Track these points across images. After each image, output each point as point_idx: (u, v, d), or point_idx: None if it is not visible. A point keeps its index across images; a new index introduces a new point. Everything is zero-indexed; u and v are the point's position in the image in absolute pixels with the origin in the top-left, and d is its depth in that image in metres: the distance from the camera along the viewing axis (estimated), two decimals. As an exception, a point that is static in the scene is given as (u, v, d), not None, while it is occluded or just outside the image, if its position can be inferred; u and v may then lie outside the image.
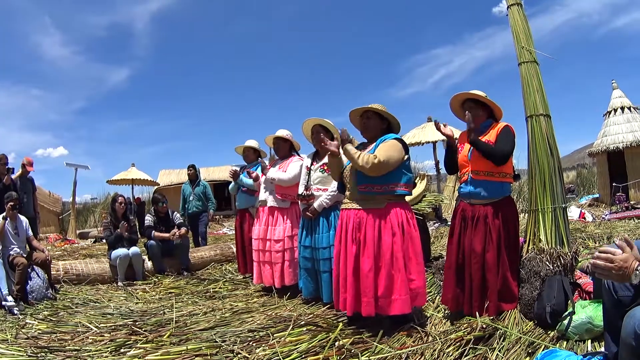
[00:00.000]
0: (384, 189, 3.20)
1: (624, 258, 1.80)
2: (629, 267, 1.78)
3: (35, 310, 4.53)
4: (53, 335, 3.51)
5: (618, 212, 10.54)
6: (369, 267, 3.12)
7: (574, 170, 26.88)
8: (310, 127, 4.22)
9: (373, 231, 3.16)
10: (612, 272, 1.82)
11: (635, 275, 1.78)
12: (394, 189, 3.22)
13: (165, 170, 21.22)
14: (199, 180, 8.36)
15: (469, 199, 3.38)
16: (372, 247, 3.14)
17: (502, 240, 3.25)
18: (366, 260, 3.14)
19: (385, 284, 3.09)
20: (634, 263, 1.79)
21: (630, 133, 12.66)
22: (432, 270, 4.47)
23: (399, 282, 3.09)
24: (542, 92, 3.98)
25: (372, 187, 3.21)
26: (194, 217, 8.18)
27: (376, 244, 3.15)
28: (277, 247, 4.54)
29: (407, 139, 11.91)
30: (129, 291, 5.38)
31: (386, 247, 3.12)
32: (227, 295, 4.87)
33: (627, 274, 1.79)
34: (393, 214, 3.19)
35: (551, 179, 3.77)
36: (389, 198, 3.23)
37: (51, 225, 15.14)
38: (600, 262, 1.84)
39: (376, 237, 3.15)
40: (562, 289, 3.11)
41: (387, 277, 3.10)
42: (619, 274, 1.81)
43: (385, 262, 3.11)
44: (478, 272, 3.25)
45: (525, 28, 4.22)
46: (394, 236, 3.14)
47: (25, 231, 5.31)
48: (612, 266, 1.80)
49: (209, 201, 8.30)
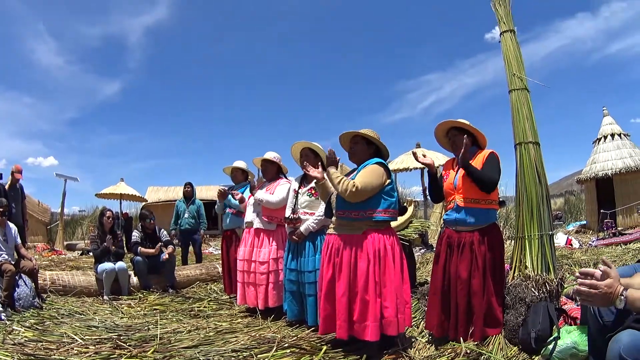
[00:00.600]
0: (361, 215, 3.21)
1: (609, 284, 1.82)
2: (613, 292, 1.81)
3: (22, 317, 4.53)
4: (39, 344, 3.52)
5: (605, 238, 10.59)
6: (342, 291, 3.13)
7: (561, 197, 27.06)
8: (299, 150, 4.26)
9: (349, 257, 3.17)
10: (596, 298, 1.84)
11: (620, 300, 1.80)
12: (372, 215, 3.21)
13: (153, 187, 21.17)
14: (194, 198, 8.39)
15: (455, 225, 3.39)
16: (347, 272, 3.15)
17: (487, 266, 3.26)
18: (341, 285, 3.15)
19: (360, 310, 3.10)
20: (618, 288, 1.81)
21: (619, 160, 12.82)
22: (417, 296, 4.46)
23: (372, 309, 3.08)
24: (532, 119, 4.01)
25: (350, 213, 3.22)
26: (186, 233, 8.20)
27: (352, 270, 3.16)
28: (262, 269, 4.55)
29: (395, 165, 11.96)
30: (114, 305, 5.36)
31: (361, 273, 3.13)
32: (212, 315, 4.86)
33: (612, 299, 1.81)
34: (370, 240, 3.18)
35: (538, 206, 3.80)
36: (368, 224, 3.22)
37: (39, 235, 15.04)
38: (584, 289, 1.86)
39: (352, 263, 3.16)
40: (547, 315, 3.13)
41: (361, 303, 3.11)
42: (603, 299, 1.83)
43: (359, 287, 3.12)
44: (464, 297, 3.26)
45: (517, 55, 4.26)
46: (369, 263, 3.13)
47: (14, 239, 5.30)
48: (596, 292, 1.83)
49: (201, 220, 8.32)
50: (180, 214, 8.19)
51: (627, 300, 1.81)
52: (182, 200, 8.35)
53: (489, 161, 3.30)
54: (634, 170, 12.48)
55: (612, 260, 6.93)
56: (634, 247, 8.84)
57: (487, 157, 3.32)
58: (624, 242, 9.54)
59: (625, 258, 7.27)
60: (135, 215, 16.74)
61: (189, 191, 8.37)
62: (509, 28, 4.36)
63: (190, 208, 8.17)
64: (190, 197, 8.32)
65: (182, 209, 8.20)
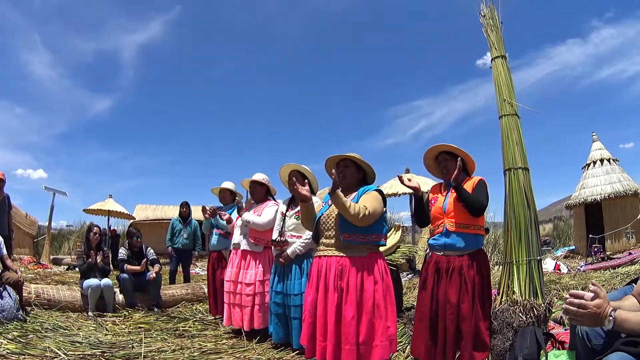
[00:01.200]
0: (367, 239, 3.19)
1: (598, 304, 1.82)
2: (602, 313, 1.81)
3: (5, 329, 4.46)
4: (22, 357, 3.49)
5: (594, 263, 10.64)
6: (352, 314, 3.08)
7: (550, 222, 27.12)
8: (288, 173, 4.26)
9: (356, 279, 3.13)
10: (584, 318, 1.84)
11: (608, 320, 1.80)
12: (377, 240, 3.23)
13: (141, 205, 21.08)
14: (190, 218, 8.37)
15: (444, 250, 3.36)
16: (354, 294, 3.11)
17: (476, 290, 3.25)
18: (349, 308, 3.10)
19: (367, 331, 3.06)
20: (607, 308, 1.81)
21: (608, 185, 12.95)
22: (403, 321, 4.44)
23: (380, 329, 3.06)
24: (521, 145, 4.05)
25: (357, 237, 3.20)
26: (179, 252, 8.18)
27: (359, 292, 3.13)
28: (248, 291, 4.53)
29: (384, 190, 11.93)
30: (99, 322, 5.29)
31: (368, 294, 3.10)
32: (197, 335, 4.81)
33: (601, 319, 1.81)
34: (374, 263, 3.18)
35: (527, 231, 3.81)
36: (369, 248, 3.22)
37: (25, 247, 14.87)
38: (572, 308, 1.86)
39: (359, 285, 3.13)
40: (535, 339, 3.13)
41: (369, 324, 3.07)
42: (592, 319, 1.83)
43: (367, 309, 3.09)
44: (453, 322, 3.23)
45: (508, 81, 4.30)
46: (375, 284, 3.12)
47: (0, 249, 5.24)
48: (584, 312, 1.82)
49: (197, 242, 8.32)
50: (175, 232, 8.16)
51: (616, 320, 1.81)
52: (178, 220, 8.32)
53: (478, 187, 3.31)
54: (623, 195, 12.60)
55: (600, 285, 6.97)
56: (622, 271, 8.89)
57: (477, 184, 3.33)
58: (613, 266, 9.60)
59: (614, 282, 7.31)
60: (123, 232, 16.66)
61: (186, 211, 8.36)
62: (500, 54, 4.41)
63: (187, 228, 8.16)
64: (186, 218, 8.30)
65: (178, 228, 8.18)
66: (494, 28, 4.54)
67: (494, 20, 4.57)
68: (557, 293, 6.34)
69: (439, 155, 3.55)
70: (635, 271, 8.45)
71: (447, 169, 3.46)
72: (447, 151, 3.50)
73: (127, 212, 16.64)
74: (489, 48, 4.52)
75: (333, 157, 3.46)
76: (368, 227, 3.16)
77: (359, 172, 3.44)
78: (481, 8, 4.68)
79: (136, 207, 20.74)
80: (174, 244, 8.11)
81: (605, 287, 6.62)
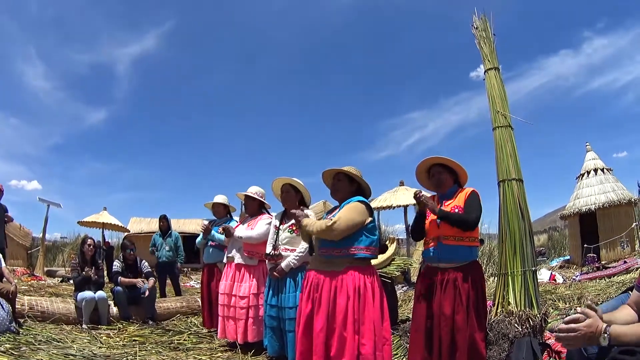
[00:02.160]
0: (343, 252, 3.19)
1: (589, 324, 1.82)
2: (595, 331, 1.81)
3: (-3, 341, 4.41)
4: (14, 369, 3.43)
5: (589, 272, 10.66)
6: (320, 326, 3.11)
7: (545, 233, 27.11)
8: (280, 186, 4.28)
9: (329, 293, 3.15)
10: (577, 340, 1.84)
11: (603, 338, 1.80)
12: (354, 252, 3.20)
13: (136, 218, 21.12)
14: (170, 231, 8.36)
15: (438, 262, 3.36)
16: (326, 308, 3.13)
17: (470, 302, 3.24)
18: (319, 320, 3.13)
19: (337, 346, 3.07)
20: (600, 326, 1.81)
21: (602, 194, 13.03)
22: (399, 333, 4.42)
23: (349, 346, 3.06)
24: (515, 156, 4.06)
25: (332, 251, 3.22)
26: (163, 265, 8.16)
27: (331, 306, 3.14)
28: (242, 304, 4.53)
29: (378, 203, 11.99)
30: (93, 335, 5.26)
31: (340, 309, 3.11)
32: (192, 348, 4.80)
33: (595, 337, 1.81)
34: (350, 277, 3.16)
35: (522, 242, 3.82)
36: (349, 261, 3.20)
37: (19, 259, 14.79)
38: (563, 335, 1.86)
39: (331, 299, 3.14)
40: (531, 350, 3.14)
41: (339, 339, 3.07)
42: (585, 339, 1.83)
43: (338, 323, 3.10)
44: (448, 334, 3.22)
45: (501, 92, 4.32)
46: (348, 299, 3.12)
47: None
48: (575, 335, 1.82)
49: (179, 253, 8.32)
50: (157, 246, 8.16)
51: (611, 336, 1.81)
52: (158, 234, 8.33)
53: (470, 199, 3.32)
54: (617, 204, 12.68)
55: (596, 294, 6.98)
56: (618, 280, 8.94)
57: (469, 196, 3.34)
58: (608, 275, 9.65)
59: (609, 291, 7.34)
60: (117, 244, 16.57)
61: (164, 225, 8.35)
62: (493, 66, 4.43)
63: (168, 240, 8.15)
64: (166, 231, 8.30)
65: (159, 242, 8.19)
66: (486, 40, 4.57)
67: (486, 32, 4.61)
68: (553, 303, 6.35)
69: (431, 167, 3.56)
70: (631, 280, 8.47)
71: (440, 181, 3.47)
72: (439, 163, 3.52)
73: (122, 224, 16.60)
74: (482, 60, 4.54)
75: (329, 171, 3.52)
76: (344, 240, 3.18)
77: (352, 186, 3.46)
78: (474, 20, 4.72)
79: (130, 219, 20.77)
80: (159, 258, 8.10)
81: (601, 297, 6.64)
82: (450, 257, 3.29)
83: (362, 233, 3.23)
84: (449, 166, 3.49)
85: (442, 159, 3.49)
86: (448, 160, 3.47)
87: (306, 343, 3.19)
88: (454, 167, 3.48)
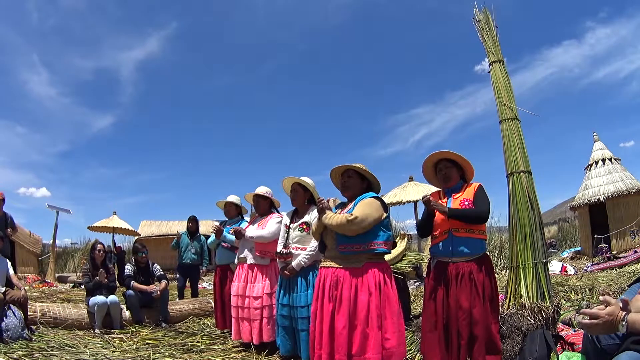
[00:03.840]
0: (363, 247, 3.21)
1: (610, 311, 1.89)
2: (615, 318, 1.87)
3: (10, 349, 4.44)
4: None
5: (600, 263, 10.61)
6: (343, 324, 3.11)
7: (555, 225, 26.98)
8: (290, 185, 4.28)
9: (349, 290, 3.16)
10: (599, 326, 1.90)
11: (622, 325, 1.85)
12: (374, 248, 3.23)
13: (146, 221, 21.17)
14: (198, 234, 8.33)
15: (451, 257, 3.34)
16: (347, 305, 3.13)
17: (486, 294, 3.24)
18: (341, 318, 3.13)
19: (360, 343, 3.07)
20: (620, 314, 1.87)
21: (611, 184, 12.97)
22: (412, 329, 4.40)
23: (373, 341, 3.06)
24: (523, 148, 4.05)
25: (352, 247, 3.22)
26: (187, 268, 8.15)
27: (352, 303, 3.14)
28: (256, 304, 4.53)
29: (388, 199, 11.93)
30: (106, 339, 5.27)
31: (362, 305, 3.12)
32: (205, 350, 4.79)
33: (614, 324, 1.87)
34: (370, 273, 3.19)
35: (532, 234, 3.81)
36: (368, 257, 3.23)
37: (30, 266, 14.85)
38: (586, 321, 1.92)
39: (352, 296, 3.15)
40: (545, 342, 3.12)
41: (362, 336, 3.08)
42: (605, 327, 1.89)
43: (360, 320, 3.10)
44: (466, 328, 3.19)
45: (507, 85, 4.30)
46: (370, 295, 3.13)
47: (6, 269, 5.29)
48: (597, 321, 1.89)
49: (205, 257, 8.31)
50: (183, 247, 8.12)
51: (629, 324, 1.86)
52: (185, 233, 8.29)
53: (479, 193, 3.31)
54: (626, 194, 12.62)
55: (607, 285, 6.95)
56: (629, 269, 8.90)
57: (477, 190, 3.34)
58: (619, 265, 9.61)
59: (621, 281, 7.29)
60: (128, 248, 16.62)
61: (193, 226, 8.32)
62: (497, 58, 4.42)
63: (194, 244, 8.13)
64: (194, 232, 8.27)
65: (186, 242, 8.15)
66: (489, 33, 4.55)
67: (488, 24, 4.59)
68: (565, 295, 6.32)
69: (438, 162, 3.55)
70: (642, 269, 8.44)
71: (448, 177, 3.46)
72: (447, 158, 3.51)
73: (132, 228, 16.61)
74: (486, 53, 4.53)
75: (337, 168, 3.51)
76: (363, 235, 3.19)
77: (363, 182, 3.47)
78: (475, 13, 4.70)
79: (141, 223, 20.83)
80: (183, 260, 8.07)
81: (612, 287, 6.60)
82: (463, 249, 3.27)
83: (380, 228, 3.26)
84: (456, 162, 3.49)
85: (451, 154, 3.48)
86: (457, 156, 3.46)
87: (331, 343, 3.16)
88: (462, 163, 3.47)
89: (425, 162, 3.61)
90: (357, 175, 3.46)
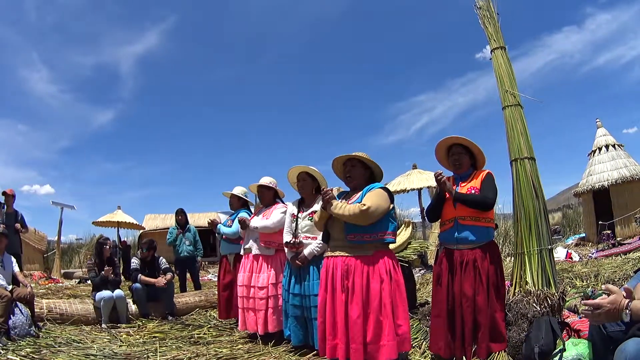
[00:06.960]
0: (373, 237, 3.22)
1: (612, 300, 1.89)
2: (618, 307, 1.86)
3: (18, 346, 4.46)
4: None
5: (605, 249, 10.60)
6: (357, 313, 3.11)
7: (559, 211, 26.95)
8: (296, 175, 4.26)
9: (361, 278, 3.16)
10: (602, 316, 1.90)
11: (625, 314, 1.84)
12: (383, 237, 3.25)
13: (150, 215, 21.23)
14: (188, 225, 8.35)
15: (456, 244, 3.37)
16: (360, 294, 3.14)
17: (490, 282, 3.26)
18: (354, 307, 3.13)
19: (374, 330, 3.07)
20: (623, 302, 1.86)
21: (615, 170, 12.95)
22: (418, 317, 4.42)
23: (387, 328, 3.08)
24: (526, 135, 4.04)
25: (362, 236, 3.22)
26: (185, 261, 8.17)
27: (364, 291, 3.14)
28: (261, 294, 4.52)
29: (392, 187, 11.91)
30: (113, 334, 5.30)
31: (374, 293, 3.12)
32: (212, 341, 4.80)
33: (618, 313, 1.88)
34: (381, 261, 3.20)
35: (537, 221, 3.80)
36: (376, 246, 3.24)
37: (35, 263, 14.95)
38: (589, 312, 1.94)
39: (364, 284, 3.15)
40: (551, 329, 3.13)
41: (376, 324, 3.08)
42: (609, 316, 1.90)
43: (373, 308, 3.11)
44: (470, 315, 3.23)
45: (509, 71, 4.29)
46: (382, 283, 3.14)
47: (11, 266, 5.32)
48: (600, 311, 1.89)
49: (198, 247, 8.32)
50: (177, 241, 8.14)
51: (632, 312, 1.86)
52: (174, 227, 8.31)
53: (486, 181, 3.34)
54: (630, 180, 12.60)
55: (612, 271, 6.94)
56: (634, 256, 8.88)
57: (485, 177, 3.36)
58: (624, 252, 9.60)
59: (626, 268, 7.28)
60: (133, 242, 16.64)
61: (182, 219, 8.33)
62: (499, 45, 4.40)
63: (187, 235, 8.14)
64: (184, 225, 8.28)
65: (179, 237, 8.17)
66: (490, 20, 4.53)
67: (490, 11, 4.56)
68: (570, 281, 6.32)
69: (451, 147, 3.56)
70: (646, 256, 8.43)
71: (459, 162, 3.48)
72: (459, 144, 3.52)
73: (137, 222, 16.66)
74: (488, 40, 4.51)
75: (340, 157, 3.50)
76: (373, 225, 3.19)
77: (366, 171, 3.46)
78: (476, 0, 4.67)
79: (145, 217, 20.91)
80: (179, 253, 8.09)
81: (617, 274, 6.60)
82: (469, 237, 3.30)
83: (388, 218, 3.27)
84: (469, 148, 3.49)
85: (465, 140, 3.50)
86: (470, 142, 3.48)
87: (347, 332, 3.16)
88: (475, 150, 3.49)
89: (438, 144, 3.63)
90: (360, 164, 3.46)
